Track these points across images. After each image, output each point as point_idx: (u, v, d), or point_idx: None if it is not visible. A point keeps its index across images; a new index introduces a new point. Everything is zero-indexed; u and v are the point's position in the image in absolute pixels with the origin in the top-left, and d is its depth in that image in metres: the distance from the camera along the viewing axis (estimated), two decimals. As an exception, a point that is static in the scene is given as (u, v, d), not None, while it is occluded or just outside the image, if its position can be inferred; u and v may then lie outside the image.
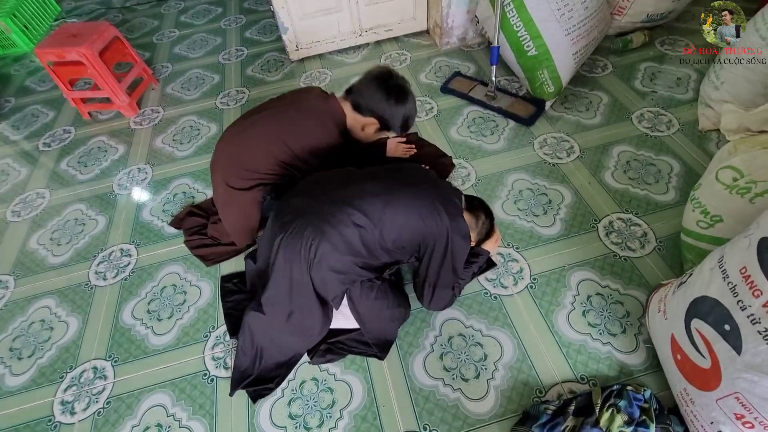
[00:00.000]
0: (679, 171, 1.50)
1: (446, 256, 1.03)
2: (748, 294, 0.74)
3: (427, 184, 1.06)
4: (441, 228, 1.00)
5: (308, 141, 1.23)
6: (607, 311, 1.19)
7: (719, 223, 1.10)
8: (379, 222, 0.97)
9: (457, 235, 1.02)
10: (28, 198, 1.78)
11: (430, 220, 0.99)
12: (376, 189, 1.01)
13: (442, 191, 1.06)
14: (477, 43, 2.21)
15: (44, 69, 2.52)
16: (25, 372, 1.26)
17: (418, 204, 1.00)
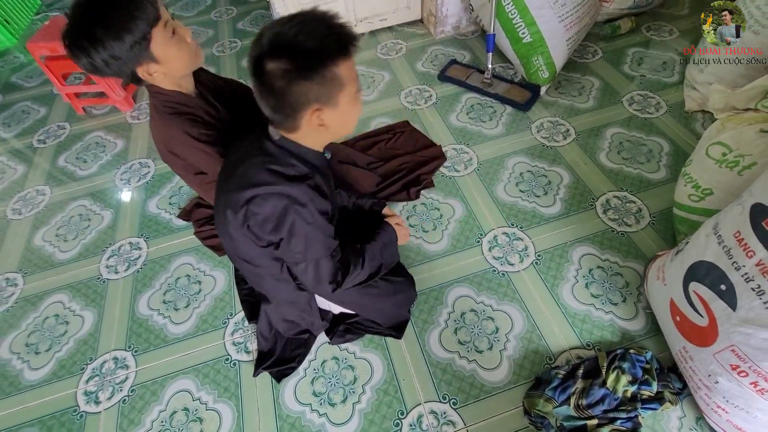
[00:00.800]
0: (669, 150, 1.58)
1: (295, 232, 0.80)
2: (742, 255, 0.82)
3: (246, 158, 0.83)
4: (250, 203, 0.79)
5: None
6: (608, 282, 1.27)
7: (710, 196, 1.18)
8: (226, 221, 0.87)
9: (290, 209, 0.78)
10: (28, 195, 1.76)
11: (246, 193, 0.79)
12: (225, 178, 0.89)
13: (257, 163, 0.80)
14: (471, 31, 2.26)
15: (30, 64, 2.47)
16: (44, 366, 1.27)
17: (233, 194, 0.81)
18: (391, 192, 1.52)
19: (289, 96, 0.67)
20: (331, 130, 0.77)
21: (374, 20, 2.28)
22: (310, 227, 0.79)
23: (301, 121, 0.72)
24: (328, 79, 0.67)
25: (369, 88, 2.02)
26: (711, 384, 0.93)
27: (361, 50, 2.26)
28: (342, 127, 0.80)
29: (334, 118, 0.74)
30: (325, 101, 0.70)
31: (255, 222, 0.79)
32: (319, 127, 0.75)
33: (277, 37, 0.65)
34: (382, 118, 1.86)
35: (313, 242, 0.81)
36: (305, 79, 0.66)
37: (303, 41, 0.64)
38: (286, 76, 0.65)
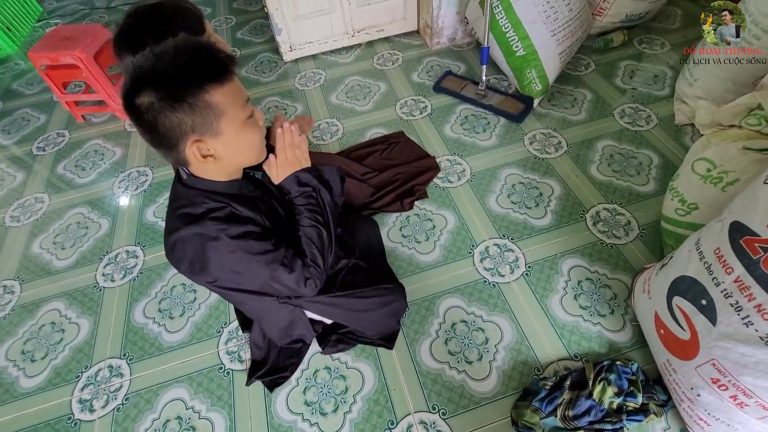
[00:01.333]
0: (658, 163, 1.61)
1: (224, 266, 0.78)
2: (721, 271, 0.84)
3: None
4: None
5: None
6: (596, 294, 1.29)
7: (695, 210, 1.20)
8: None
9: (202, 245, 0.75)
10: (27, 203, 1.78)
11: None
12: None
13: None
14: (466, 42, 2.29)
15: (30, 72, 2.50)
16: (39, 373, 1.29)
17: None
18: (385, 202, 1.55)
19: (161, 128, 0.63)
20: (225, 159, 0.71)
21: (371, 31, 2.32)
22: (234, 256, 0.75)
23: (184, 153, 0.68)
24: (200, 107, 0.63)
25: (365, 98, 2.05)
26: (693, 397, 0.95)
27: (358, 60, 2.29)
28: (239, 155, 0.74)
29: (223, 147, 0.69)
30: (204, 131, 0.66)
31: (185, 267, 0.77)
32: (208, 158, 0.69)
33: (138, 70, 0.61)
34: (377, 128, 1.88)
35: (250, 266, 0.77)
36: (172, 109, 0.61)
37: (164, 71, 0.60)
38: (151, 108, 0.61)
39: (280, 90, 2.16)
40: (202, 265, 0.76)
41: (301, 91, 2.14)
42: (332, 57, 2.33)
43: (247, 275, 0.79)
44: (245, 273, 0.78)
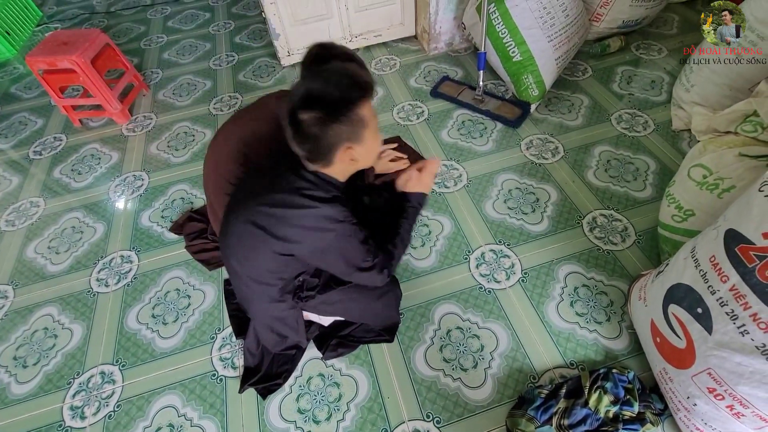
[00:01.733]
0: (655, 169, 1.60)
1: (328, 255, 0.92)
2: (717, 280, 0.83)
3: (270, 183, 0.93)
4: (293, 234, 0.89)
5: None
6: (592, 301, 1.28)
7: (692, 217, 1.19)
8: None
9: (319, 230, 0.88)
10: (22, 207, 1.77)
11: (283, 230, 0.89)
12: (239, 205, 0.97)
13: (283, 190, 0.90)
14: (464, 48, 2.30)
15: (29, 76, 2.50)
16: (31, 380, 1.28)
17: (251, 226, 0.91)
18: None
19: (325, 139, 0.79)
20: (359, 163, 0.89)
21: (369, 36, 2.32)
22: (347, 239, 0.90)
23: (335, 158, 0.84)
24: (355, 120, 0.79)
25: (362, 103, 2.05)
26: (690, 406, 0.94)
27: (356, 65, 2.29)
28: (368, 159, 0.91)
29: (362, 152, 0.86)
30: (354, 139, 0.82)
31: (295, 235, 0.87)
32: (351, 162, 0.86)
33: (309, 92, 0.76)
34: (375, 133, 1.88)
35: (353, 249, 0.92)
36: (337, 122, 0.78)
37: (331, 92, 0.76)
38: (319, 122, 0.77)
39: (277, 94, 2.16)
40: (315, 239, 0.88)
41: (299, 96, 2.14)
42: (330, 62, 2.33)
43: (347, 258, 0.93)
44: (347, 255, 0.92)
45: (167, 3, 3.06)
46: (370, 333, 1.23)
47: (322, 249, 0.90)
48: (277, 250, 0.90)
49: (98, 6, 3.16)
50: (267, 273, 0.97)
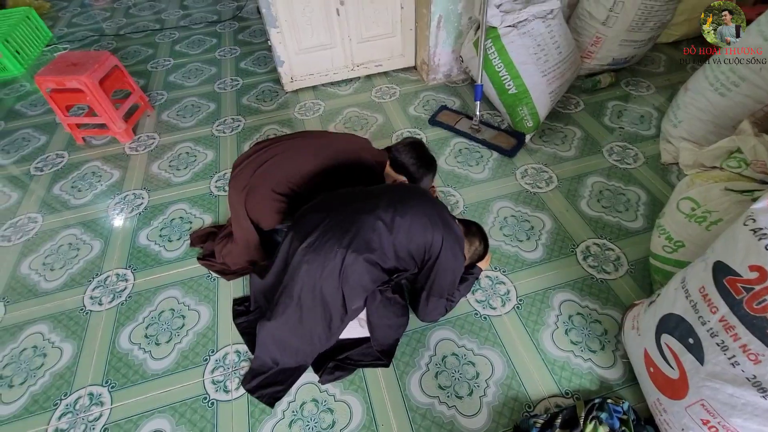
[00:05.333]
0: (646, 200, 1.65)
1: (444, 267, 1.13)
2: (706, 310, 0.85)
3: (427, 201, 1.17)
4: (440, 240, 1.11)
5: (356, 158, 1.39)
6: (587, 330, 1.29)
7: (682, 248, 1.23)
8: (393, 229, 1.07)
9: (454, 249, 1.14)
10: (20, 222, 1.77)
11: (432, 231, 1.11)
12: (387, 201, 1.12)
13: (441, 209, 1.19)
14: (461, 79, 2.38)
15: (34, 93, 2.55)
16: (16, 400, 1.24)
17: (421, 216, 1.11)
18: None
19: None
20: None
21: (370, 65, 2.41)
22: (458, 261, 1.17)
23: None
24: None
25: (362, 129, 2.11)
26: (684, 438, 0.93)
27: (357, 93, 2.37)
28: None
29: None
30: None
31: (433, 238, 1.10)
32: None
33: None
34: (374, 158, 1.92)
35: (457, 270, 1.19)
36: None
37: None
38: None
39: (279, 118, 2.22)
40: (450, 253, 1.13)
41: (300, 120, 2.20)
42: (332, 89, 2.41)
43: (452, 278, 1.19)
44: (455, 272, 1.19)
45: (176, 28, 3.17)
46: (367, 356, 1.22)
47: (453, 258, 1.15)
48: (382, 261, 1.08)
49: (108, 29, 3.26)
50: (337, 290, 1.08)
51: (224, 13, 3.35)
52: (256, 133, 2.13)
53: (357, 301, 1.11)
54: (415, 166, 1.44)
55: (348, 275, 1.06)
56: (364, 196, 1.17)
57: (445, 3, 2.04)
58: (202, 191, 1.83)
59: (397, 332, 1.26)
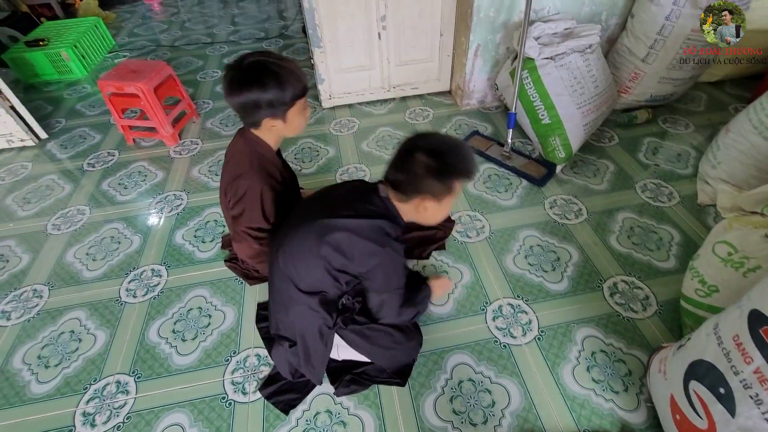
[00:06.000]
0: (679, 240, 1.61)
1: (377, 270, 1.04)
2: (740, 360, 0.82)
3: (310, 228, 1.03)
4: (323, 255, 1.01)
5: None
6: (610, 368, 1.25)
7: (716, 293, 1.19)
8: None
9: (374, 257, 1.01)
10: (69, 213, 1.90)
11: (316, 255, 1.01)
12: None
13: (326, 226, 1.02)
14: (495, 106, 2.42)
15: (94, 95, 2.75)
16: (50, 380, 1.32)
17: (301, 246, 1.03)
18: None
19: (418, 182, 0.94)
20: (426, 215, 1.01)
21: (406, 88, 2.49)
22: (397, 260, 1.03)
23: (413, 200, 0.98)
24: (448, 186, 0.94)
25: (394, 148, 2.16)
26: (710, 494, 0.89)
27: (391, 113, 2.44)
28: (434, 218, 1.03)
29: (433, 209, 0.99)
30: (436, 197, 0.96)
31: (353, 255, 0.99)
32: (420, 210, 0.99)
33: (437, 145, 0.93)
34: (403, 178, 1.96)
35: (394, 273, 1.05)
36: (437, 178, 0.92)
37: (453, 159, 0.92)
38: (427, 169, 0.91)
39: (315, 133, 2.31)
40: (368, 250, 0.99)
41: (335, 136, 2.28)
42: (367, 108, 2.49)
43: (387, 276, 1.05)
44: (388, 273, 1.04)
45: (225, 42, 3.37)
46: (383, 374, 1.23)
47: (372, 259, 1.00)
48: (334, 261, 1.00)
49: (164, 40, 3.51)
50: (317, 284, 1.05)
51: (271, 30, 3.54)
52: (292, 145, 2.22)
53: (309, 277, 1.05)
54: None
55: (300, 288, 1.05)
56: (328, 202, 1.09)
57: (484, 33, 2.10)
58: (237, 197, 1.91)
59: (408, 357, 1.25)
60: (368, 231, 0.99)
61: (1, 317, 1.50)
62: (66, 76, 2.98)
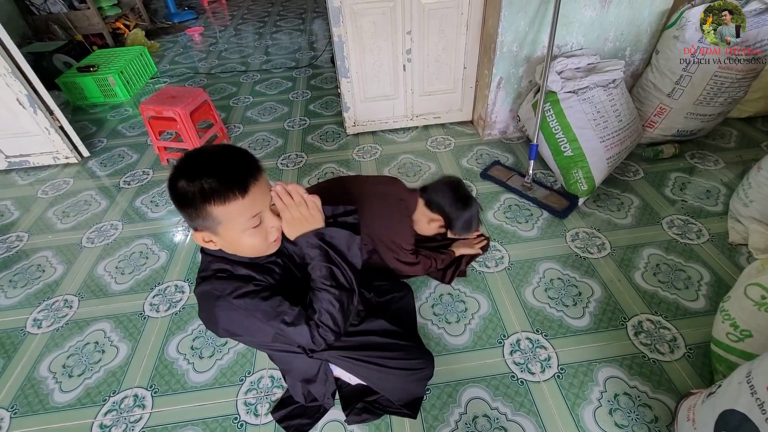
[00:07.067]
0: (709, 280, 1.54)
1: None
2: (775, 413, 0.78)
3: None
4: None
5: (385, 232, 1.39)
6: (634, 413, 1.19)
7: (749, 338, 1.13)
8: None
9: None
10: (103, 228, 2.00)
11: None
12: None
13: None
14: (516, 137, 2.44)
15: (135, 117, 2.93)
16: (72, 390, 1.36)
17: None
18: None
19: (182, 213, 0.77)
20: (229, 248, 0.83)
21: (429, 117, 2.54)
22: (237, 313, 0.83)
23: (194, 234, 0.81)
24: (201, 215, 0.75)
25: (415, 175, 2.20)
26: None
27: (413, 141, 2.49)
28: (240, 250, 0.84)
29: (223, 243, 0.81)
30: (205, 228, 0.78)
31: (204, 322, 0.89)
32: (210, 243, 0.81)
33: (185, 166, 0.75)
34: (423, 205, 1.98)
35: (254, 323, 0.83)
36: (183, 207, 0.75)
37: (182, 185, 0.73)
38: (177, 195, 0.75)
39: (338, 158, 2.37)
40: (213, 321, 0.85)
41: (358, 162, 2.34)
42: (390, 135, 2.55)
43: (252, 330, 0.85)
44: (251, 328, 0.85)
45: (258, 71, 3.56)
46: (395, 404, 1.21)
47: (228, 330, 0.86)
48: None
49: (201, 68, 3.73)
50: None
51: (301, 60, 3.72)
52: (315, 169, 2.29)
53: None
54: (451, 206, 1.38)
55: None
56: None
57: (507, 66, 2.14)
58: (261, 218, 1.97)
59: (416, 389, 1.22)
60: (201, 304, 0.89)
61: (33, 325, 1.57)
62: (111, 99, 3.19)
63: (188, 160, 0.76)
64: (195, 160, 0.76)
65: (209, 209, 0.74)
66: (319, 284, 0.86)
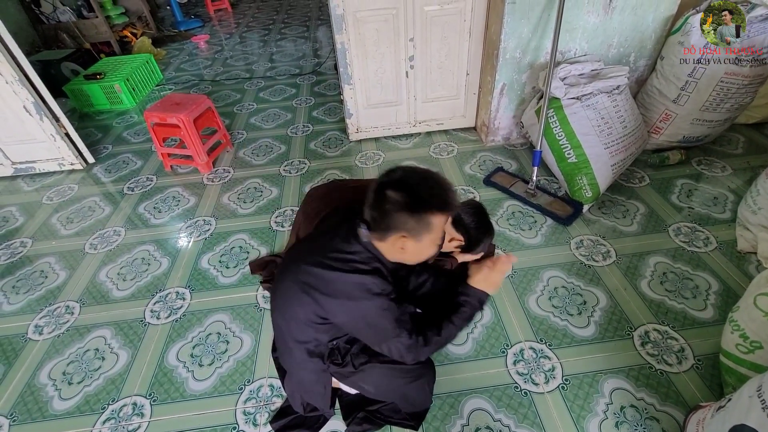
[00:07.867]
0: (718, 289, 1.51)
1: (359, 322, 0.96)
2: (787, 430, 0.75)
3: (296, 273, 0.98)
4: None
5: None
6: (642, 426, 1.16)
7: (759, 350, 1.10)
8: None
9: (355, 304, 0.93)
10: (106, 234, 2.01)
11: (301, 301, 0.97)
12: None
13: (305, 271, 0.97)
14: (520, 143, 2.42)
15: (139, 124, 2.96)
16: (72, 398, 1.35)
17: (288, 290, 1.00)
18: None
19: (390, 219, 0.86)
20: (406, 254, 0.92)
21: (432, 123, 2.54)
22: (381, 312, 0.92)
23: (389, 238, 0.89)
24: (423, 220, 0.85)
25: (417, 182, 2.18)
26: None
27: (416, 147, 2.48)
28: (416, 257, 0.95)
29: (414, 248, 0.90)
30: (412, 234, 0.87)
31: (328, 303, 0.93)
32: (400, 249, 0.90)
33: (405, 178, 0.86)
34: (425, 211, 1.97)
35: (385, 324, 0.93)
36: (408, 213, 0.84)
37: (420, 190, 0.85)
38: (395, 204, 0.84)
39: (341, 165, 2.37)
40: (348, 307, 0.93)
41: (360, 169, 2.33)
42: (393, 141, 2.55)
43: (377, 329, 0.95)
44: (377, 326, 0.94)
45: (262, 78, 3.58)
46: (397, 414, 1.19)
47: (354, 316, 0.94)
48: (316, 311, 0.95)
49: (206, 75, 3.76)
50: (303, 333, 1.01)
51: (305, 67, 3.75)
52: (318, 176, 2.29)
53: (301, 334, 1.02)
54: (476, 230, 1.33)
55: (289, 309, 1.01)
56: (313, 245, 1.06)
57: (510, 72, 2.14)
58: (263, 225, 1.97)
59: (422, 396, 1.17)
60: (344, 286, 0.92)
61: (34, 331, 1.57)
62: (117, 106, 3.22)
63: (418, 177, 0.87)
64: (426, 179, 0.87)
65: (431, 216, 0.85)
66: (455, 321, 1.00)
